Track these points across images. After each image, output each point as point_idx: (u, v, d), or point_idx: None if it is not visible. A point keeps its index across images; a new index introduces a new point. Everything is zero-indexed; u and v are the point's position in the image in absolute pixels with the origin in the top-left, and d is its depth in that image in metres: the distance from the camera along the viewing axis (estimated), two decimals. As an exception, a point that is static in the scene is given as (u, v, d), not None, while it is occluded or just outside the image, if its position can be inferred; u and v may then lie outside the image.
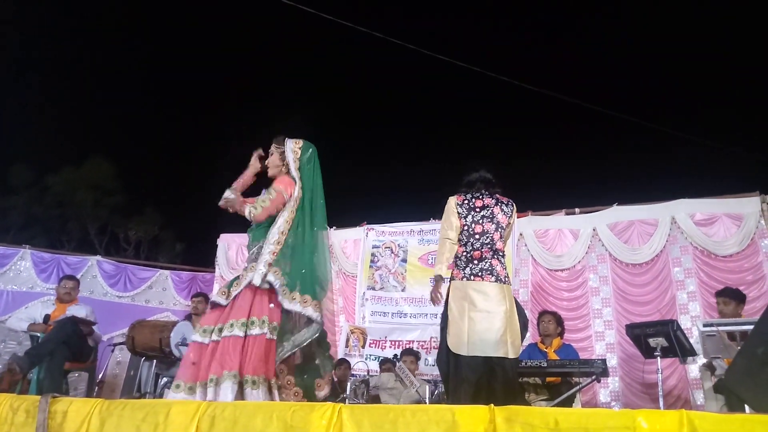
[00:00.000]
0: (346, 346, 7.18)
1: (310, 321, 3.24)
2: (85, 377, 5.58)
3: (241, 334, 3.06)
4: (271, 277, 3.17)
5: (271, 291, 3.18)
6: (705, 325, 4.12)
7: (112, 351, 7.08)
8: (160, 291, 8.65)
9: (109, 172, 17.85)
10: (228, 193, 3.38)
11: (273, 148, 3.52)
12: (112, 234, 17.79)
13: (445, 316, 3.61)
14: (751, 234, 5.84)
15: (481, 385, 3.37)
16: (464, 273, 3.60)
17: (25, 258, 7.96)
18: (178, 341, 5.18)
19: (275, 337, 3.15)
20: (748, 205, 5.97)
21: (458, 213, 3.72)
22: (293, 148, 3.45)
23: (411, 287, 7.19)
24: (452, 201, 3.78)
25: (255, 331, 3.08)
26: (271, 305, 3.17)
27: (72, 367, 5.19)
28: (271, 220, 3.32)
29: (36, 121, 17.76)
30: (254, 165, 3.54)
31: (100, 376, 6.38)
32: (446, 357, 3.50)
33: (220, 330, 3.10)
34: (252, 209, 3.25)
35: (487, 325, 3.47)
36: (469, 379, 3.40)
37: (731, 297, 4.65)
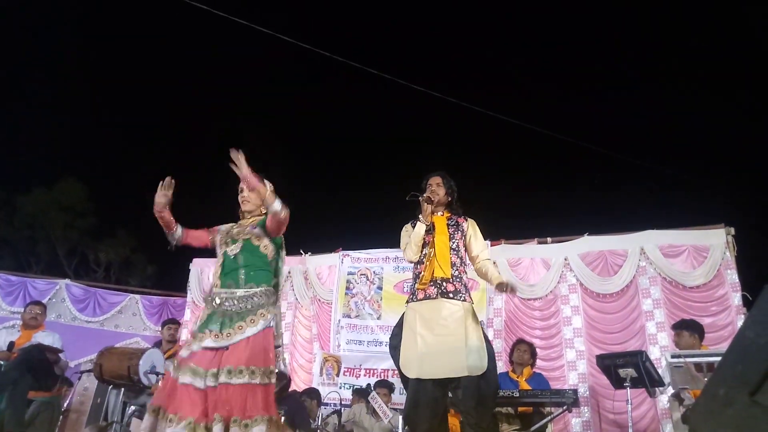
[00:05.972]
0: (320, 374, 7.11)
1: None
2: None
3: (258, 381, 2.87)
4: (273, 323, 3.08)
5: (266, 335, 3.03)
6: (673, 357, 4.20)
7: (79, 378, 6.90)
8: (130, 316, 8.49)
9: (81, 194, 17.60)
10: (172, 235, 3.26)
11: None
12: (83, 256, 17.47)
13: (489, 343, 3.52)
14: (717, 265, 5.96)
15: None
16: None
17: (-9, 281, 7.78)
18: (147, 369, 5.07)
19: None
20: (714, 236, 6.10)
21: None
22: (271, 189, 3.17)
23: (387, 315, 7.15)
24: None
25: (272, 380, 2.97)
26: (271, 354, 3.03)
27: (36, 396, 5.04)
28: (267, 266, 3.17)
29: (7, 140, 17.48)
30: (163, 199, 3.29)
31: (66, 404, 6.19)
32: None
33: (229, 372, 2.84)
34: (285, 211, 3.03)
35: None
36: None
37: (683, 328, 4.75)
